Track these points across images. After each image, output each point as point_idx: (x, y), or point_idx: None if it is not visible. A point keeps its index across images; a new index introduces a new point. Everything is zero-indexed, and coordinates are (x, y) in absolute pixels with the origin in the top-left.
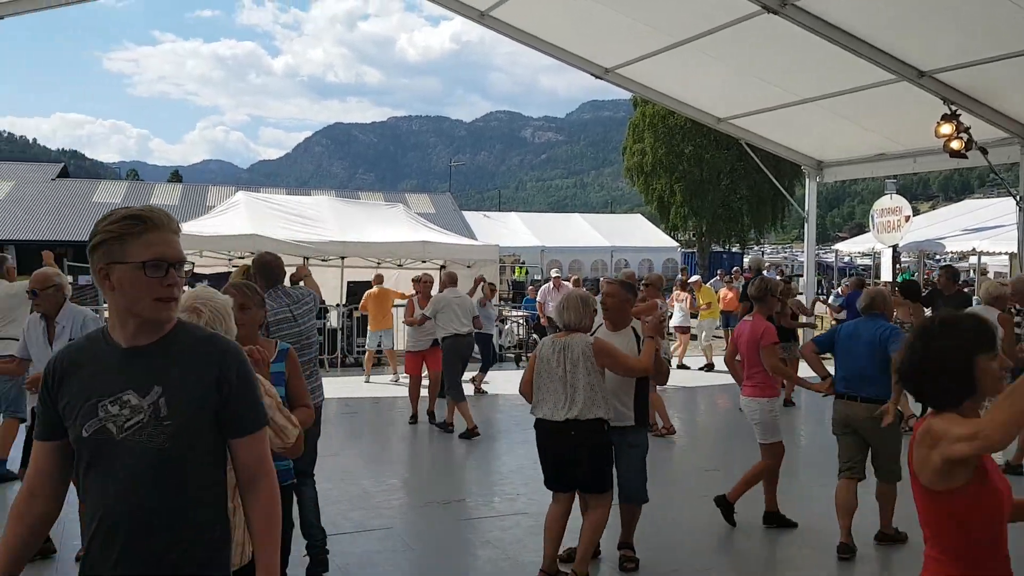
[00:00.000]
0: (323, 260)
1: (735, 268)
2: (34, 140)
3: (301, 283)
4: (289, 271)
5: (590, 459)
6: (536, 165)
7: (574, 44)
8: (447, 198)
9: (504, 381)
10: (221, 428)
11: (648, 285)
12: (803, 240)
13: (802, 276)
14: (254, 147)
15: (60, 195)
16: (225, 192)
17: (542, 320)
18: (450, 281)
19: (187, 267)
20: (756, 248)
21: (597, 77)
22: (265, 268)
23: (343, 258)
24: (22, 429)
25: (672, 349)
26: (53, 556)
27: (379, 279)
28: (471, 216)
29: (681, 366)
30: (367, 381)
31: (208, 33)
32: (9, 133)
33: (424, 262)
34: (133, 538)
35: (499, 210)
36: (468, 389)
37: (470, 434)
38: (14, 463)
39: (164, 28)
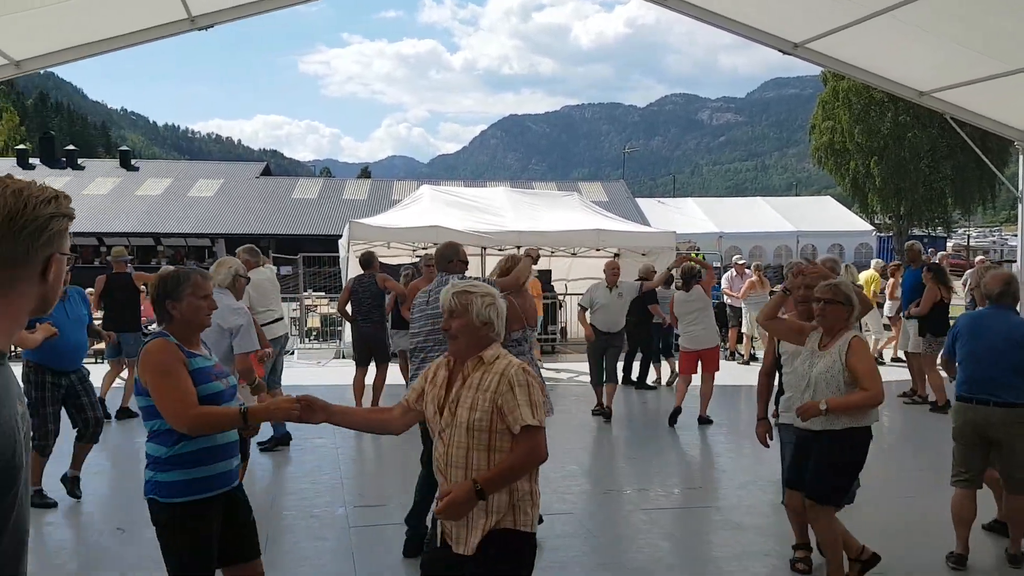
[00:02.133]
0: (499, 249)
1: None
2: (239, 141)
3: None
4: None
5: None
6: (713, 148)
7: (759, 19)
8: (620, 185)
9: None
10: None
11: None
12: (1014, 223)
13: (1015, 262)
14: (433, 142)
15: (263, 192)
16: (409, 186)
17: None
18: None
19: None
20: (960, 231)
21: (785, 53)
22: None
23: (518, 247)
24: None
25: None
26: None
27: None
28: (645, 203)
29: (895, 359)
30: None
31: (392, 33)
32: (217, 135)
33: (598, 250)
34: None
35: (673, 196)
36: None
37: (601, 411)
38: None
39: (352, 30)
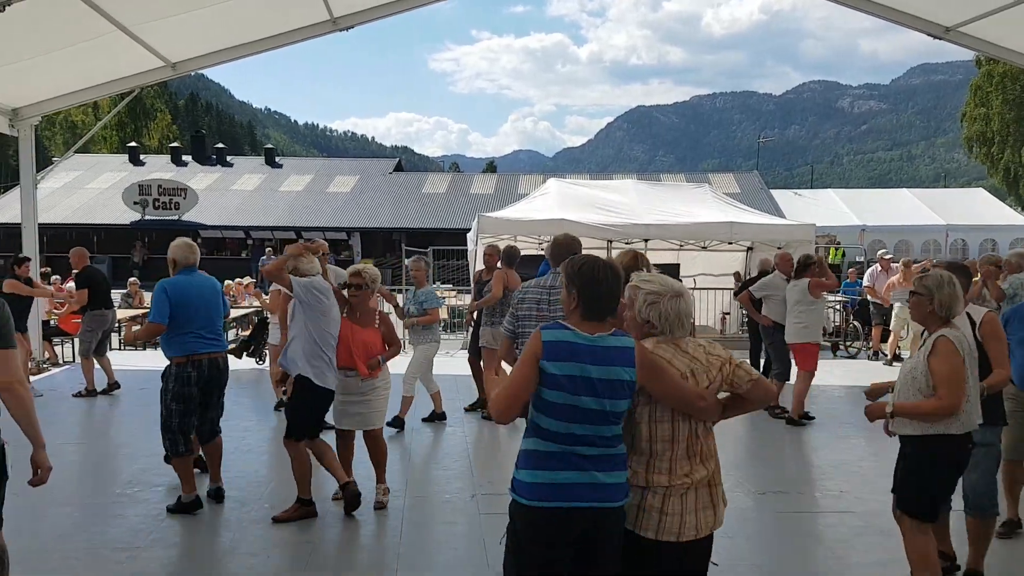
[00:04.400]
0: (626, 243)
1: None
2: (372, 138)
3: None
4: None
5: None
6: (854, 137)
7: (909, 3)
8: (753, 176)
9: (822, 369)
10: None
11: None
12: None
13: None
14: (559, 135)
15: (396, 187)
16: (534, 180)
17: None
18: (784, 264)
19: None
20: None
21: (935, 37)
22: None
23: (646, 240)
24: None
25: None
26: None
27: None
28: (780, 194)
29: None
30: None
31: (519, 28)
32: (353, 133)
33: (730, 244)
34: None
35: (811, 187)
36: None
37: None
38: None
39: (481, 26)
